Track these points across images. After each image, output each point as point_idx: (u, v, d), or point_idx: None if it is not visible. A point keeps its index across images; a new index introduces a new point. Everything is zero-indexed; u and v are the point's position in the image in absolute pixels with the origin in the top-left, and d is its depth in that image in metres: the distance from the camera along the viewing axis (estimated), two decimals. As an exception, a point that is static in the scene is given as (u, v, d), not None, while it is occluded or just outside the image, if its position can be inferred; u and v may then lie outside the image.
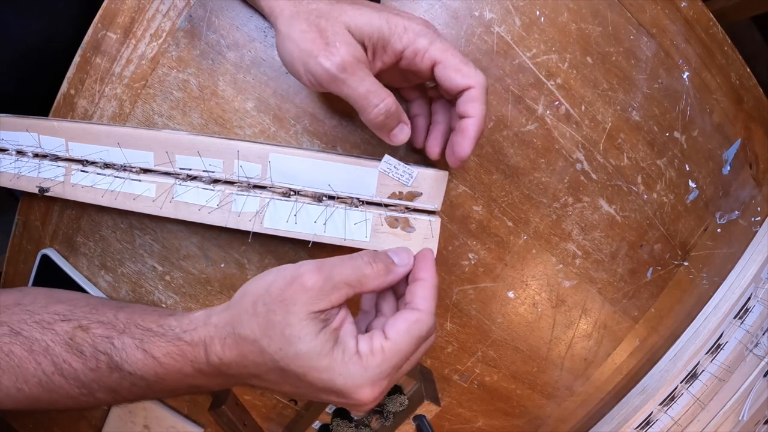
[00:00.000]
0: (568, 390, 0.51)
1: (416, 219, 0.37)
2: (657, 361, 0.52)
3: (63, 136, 0.38)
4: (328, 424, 0.48)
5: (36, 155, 0.40)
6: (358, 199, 0.37)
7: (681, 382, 0.50)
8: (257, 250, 0.42)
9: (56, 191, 0.39)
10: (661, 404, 0.51)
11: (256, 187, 0.37)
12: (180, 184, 0.37)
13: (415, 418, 0.45)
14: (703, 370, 0.50)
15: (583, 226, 0.44)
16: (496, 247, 0.43)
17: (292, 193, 0.37)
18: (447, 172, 0.37)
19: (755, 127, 0.48)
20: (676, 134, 0.45)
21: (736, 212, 0.50)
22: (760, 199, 0.51)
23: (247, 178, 0.36)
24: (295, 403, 0.49)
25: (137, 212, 0.38)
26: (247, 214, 0.37)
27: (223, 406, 0.44)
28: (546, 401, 0.51)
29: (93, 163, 0.39)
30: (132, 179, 0.38)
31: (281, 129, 0.39)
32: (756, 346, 0.51)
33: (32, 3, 0.44)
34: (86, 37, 0.39)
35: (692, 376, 0.50)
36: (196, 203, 0.37)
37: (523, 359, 0.48)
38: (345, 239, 0.37)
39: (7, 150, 0.40)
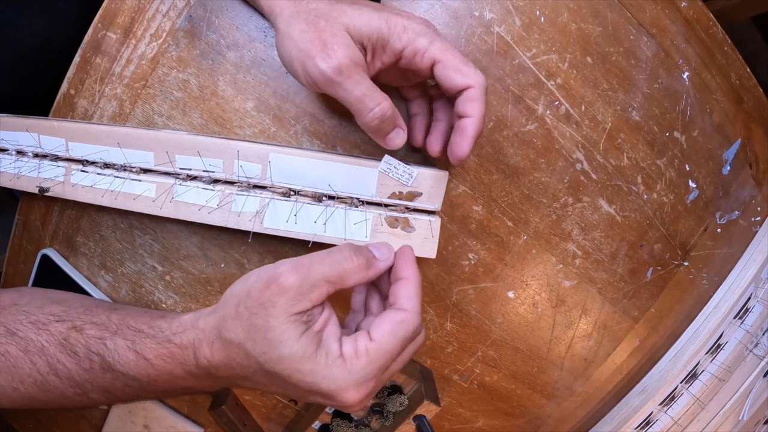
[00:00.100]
0: (568, 390, 0.51)
1: (416, 219, 0.37)
2: (657, 361, 0.52)
3: (63, 136, 0.38)
4: (328, 424, 0.48)
5: (36, 155, 0.40)
6: (358, 199, 0.37)
7: (681, 382, 0.50)
8: (257, 250, 0.42)
9: (56, 191, 0.39)
10: (661, 404, 0.51)
11: (256, 187, 0.37)
12: (180, 184, 0.37)
13: (415, 418, 0.45)
14: (703, 370, 0.50)
15: (583, 226, 0.44)
16: (496, 247, 0.43)
17: (292, 193, 0.37)
18: (447, 172, 0.37)
19: (755, 127, 0.48)
20: (676, 134, 0.45)
21: (736, 212, 0.50)
22: (760, 199, 0.51)
23: (247, 178, 0.36)
24: (295, 403, 0.49)
25: (137, 212, 0.38)
26: (247, 214, 0.37)
27: (223, 406, 0.44)
28: (546, 401, 0.51)
29: (93, 163, 0.39)
30: (132, 179, 0.38)
31: (281, 129, 0.39)
32: (756, 346, 0.51)
33: (32, 3, 0.44)
34: (86, 37, 0.39)
35: (692, 376, 0.50)
36: (196, 203, 0.37)
37: (523, 359, 0.48)
38: (345, 239, 0.37)
39: (7, 150, 0.40)
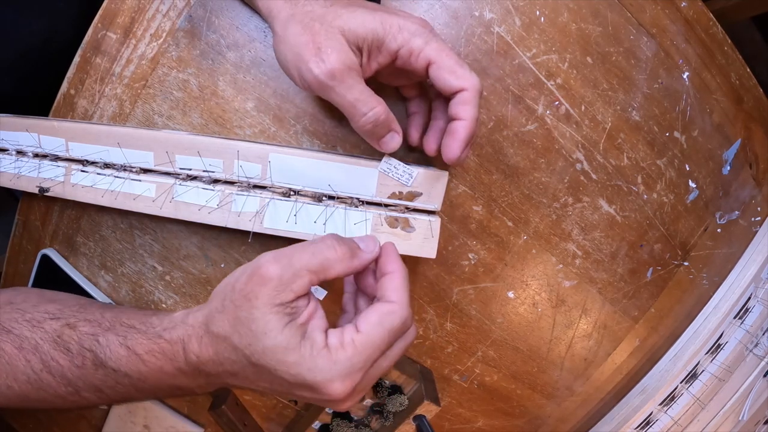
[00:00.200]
0: (568, 390, 0.51)
1: (416, 219, 0.37)
2: (657, 361, 0.52)
3: (63, 136, 0.38)
4: (328, 424, 0.48)
5: (36, 155, 0.40)
6: (358, 199, 0.37)
7: (681, 382, 0.50)
8: (257, 250, 0.42)
9: (56, 191, 0.39)
10: (661, 404, 0.51)
11: (256, 187, 0.37)
12: (180, 184, 0.37)
13: (415, 418, 0.45)
14: (703, 370, 0.50)
15: (583, 226, 0.44)
16: (496, 247, 0.43)
17: (292, 193, 0.37)
18: (447, 172, 0.37)
19: (755, 127, 0.48)
20: (676, 134, 0.45)
21: (736, 212, 0.50)
22: (760, 199, 0.51)
23: (247, 178, 0.36)
24: (295, 403, 0.49)
25: (137, 212, 0.38)
26: (247, 214, 0.37)
27: (223, 406, 0.44)
28: (546, 401, 0.51)
29: (93, 163, 0.39)
30: (132, 179, 0.38)
31: (281, 129, 0.39)
32: (756, 346, 0.51)
33: (32, 3, 0.44)
34: (86, 37, 0.39)
35: (692, 376, 0.50)
36: (196, 203, 0.37)
37: (523, 359, 0.48)
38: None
39: (7, 150, 0.40)
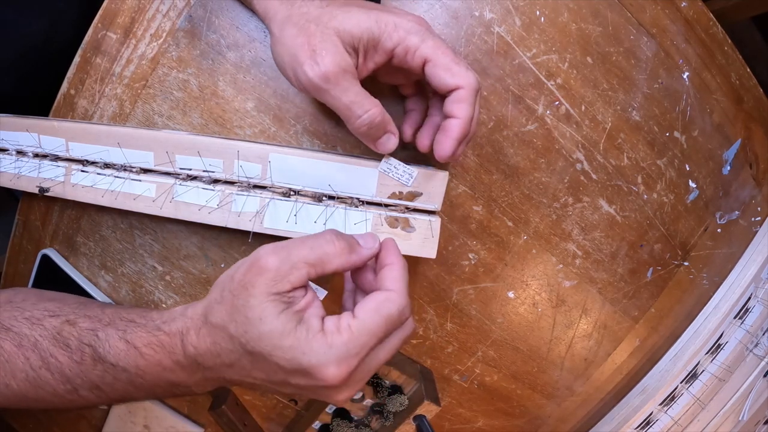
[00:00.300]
0: (568, 390, 0.51)
1: (416, 219, 0.37)
2: (657, 361, 0.52)
3: (63, 136, 0.38)
4: (328, 424, 0.48)
5: (36, 155, 0.40)
6: (358, 199, 0.37)
7: (681, 382, 0.50)
8: (257, 250, 0.42)
9: (56, 191, 0.39)
10: (661, 404, 0.51)
11: (256, 187, 0.37)
12: (180, 184, 0.37)
13: (415, 418, 0.45)
14: (703, 370, 0.50)
15: (583, 226, 0.44)
16: (496, 247, 0.43)
17: (292, 193, 0.37)
18: (447, 172, 0.37)
19: (755, 127, 0.48)
20: (676, 134, 0.45)
21: (736, 212, 0.50)
22: (760, 199, 0.51)
23: (247, 178, 0.36)
24: (295, 403, 0.49)
25: (137, 212, 0.38)
26: (247, 214, 0.37)
27: (223, 406, 0.44)
28: (546, 401, 0.51)
29: (93, 163, 0.39)
30: (132, 179, 0.38)
31: (281, 129, 0.39)
32: (756, 346, 0.51)
33: (32, 3, 0.44)
34: (86, 37, 0.39)
35: (692, 376, 0.50)
36: (196, 203, 0.37)
37: (523, 359, 0.48)
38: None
39: (7, 150, 0.40)
